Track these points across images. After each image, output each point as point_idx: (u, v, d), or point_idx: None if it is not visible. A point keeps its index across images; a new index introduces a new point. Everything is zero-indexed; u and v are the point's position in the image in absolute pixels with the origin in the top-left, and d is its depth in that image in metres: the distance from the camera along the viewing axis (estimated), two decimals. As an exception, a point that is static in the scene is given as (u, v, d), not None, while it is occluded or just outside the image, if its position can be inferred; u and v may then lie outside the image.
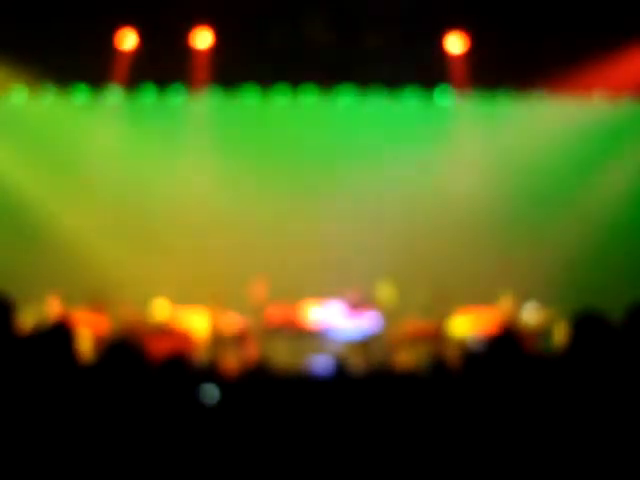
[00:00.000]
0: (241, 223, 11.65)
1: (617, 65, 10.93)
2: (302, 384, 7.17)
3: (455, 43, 11.08)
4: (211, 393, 4.94)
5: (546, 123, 11.90)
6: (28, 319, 9.09)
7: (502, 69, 11.08)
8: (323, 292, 9.92)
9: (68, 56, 10.57)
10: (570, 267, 11.17)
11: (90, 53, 10.66)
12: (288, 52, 10.88)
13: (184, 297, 9.69)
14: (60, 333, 3.63)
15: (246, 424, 5.21)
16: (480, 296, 9.78)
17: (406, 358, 9.57)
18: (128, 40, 10.91)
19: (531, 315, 9.34)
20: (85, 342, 8.94)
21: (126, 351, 3.95)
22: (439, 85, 11.71)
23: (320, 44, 10.85)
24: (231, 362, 9.24)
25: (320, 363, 9.09)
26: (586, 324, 3.41)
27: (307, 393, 6.59)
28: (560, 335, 8.84)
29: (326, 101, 11.91)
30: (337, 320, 9.20)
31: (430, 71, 11.34)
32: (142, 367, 4.05)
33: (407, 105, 12.04)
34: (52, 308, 9.60)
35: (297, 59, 10.96)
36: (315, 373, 8.99)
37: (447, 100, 11.90)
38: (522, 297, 9.81)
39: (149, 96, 11.71)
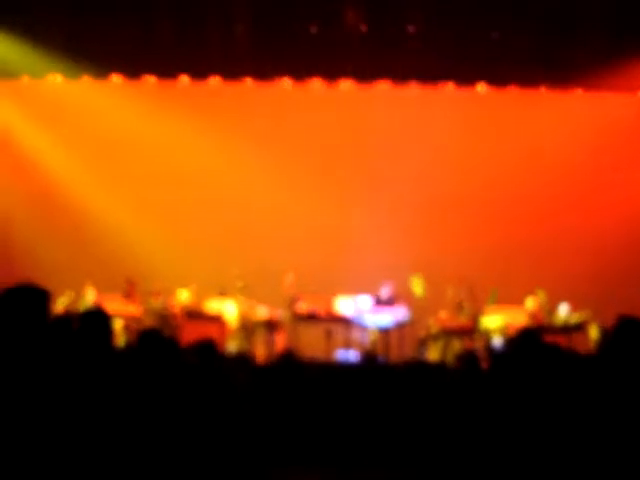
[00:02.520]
0: (274, 214, 11.66)
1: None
2: (331, 372, 7.22)
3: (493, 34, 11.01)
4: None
5: (583, 120, 11.73)
6: (64, 306, 9.21)
7: (538, 64, 10.96)
8: (354, 285, 9.91)
9: (105, 44, 10.64)
10: (605, 266, 11.02)
11: (127, 41, 10.72)
12: (325, 42, 10.87)
13: (216, 285, 9.73)
14: (96, 317, 3.68)
15: (276, 410, 5.27)
16: (512, 294, 9.70)
17: (437, 353, 9.53)
18: (165, 30, 10.98)
19: (564, 315, 9.23)
20: (117, 329, 9.04)
21: (158, 338, 4.00)
22: (475, 79, 11.65)
23: (357, 34, 10.81)
24: (261, 349, 9.28)
25: (349, 352, 9.11)
26: (626, 326, 3.37)
27: (336, 381, 6.64)
28: (593, 334, 8.75)
29: (361, 92, 11.91)
30: (366, 312, 9.19)
31: (466, 65, 11.27)
32: (173, 353, 4.10)
33: (441, 98, 12.01)
34: (87, 296, 9.71)
35: (333, 49, 10.94)
36: (344, 362, 9.04)
37: (482, 94, 11.84)
38: (555, 297, 9.70)
39: (185, 84, 11.80)
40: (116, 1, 10.51)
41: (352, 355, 8.99)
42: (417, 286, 9.52)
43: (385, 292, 9.68)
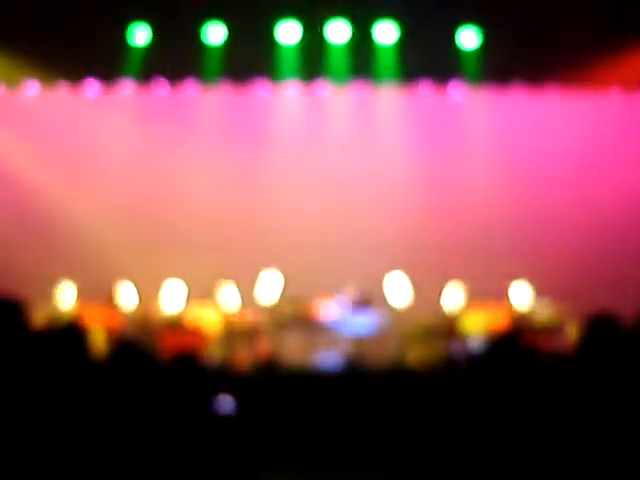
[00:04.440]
0: (252, 217, 11.66)
1: (633, 59, 10.84)
2: (313, 379, 7.22)
3: (468, 37, 11.02)
4: (226, 404, 4.95)
5: (560, 118, 11.81)
6: (42, 314, 9.13)
7: (515, 63, 10.99)
8: (334, 287, 9.91)
9: (81, 49, 10.57)
10: (584, 263, 11.08)
11: (103, 46, 10.65)
12: (299, 45, 10.84)
13: (196, 292, 9.70)
14: (72, 334, 3.66)
15: (258, 418, 5.26)
16: (492, 292, 9.73)
17: (417, 354, 9.55)
18: (140, 34, 10.92)
19: (543, 311, 9.27)
20: (98, 338, 8.96)
21: (135, 351, 3.98)
22: (452, 79, 11.66)
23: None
24: (243, 357, 9.26)
25: (331, 358, 9.11)
26: (598, 327, 3.40)
27: (318, 388, 6.64)
28: (572, 332, 8.80)
29: (339, 94, 11.93)
30: (347, 315, 9.19)
31: (443, 65, 11.28)
32: (152, 366, 4.08)
33: (420, 99, 12.03)
34: (66, 303, 9.65)
35: (308, 52, 10.92)
36: (326, 368, 9.04)
37: (460, 94, 11.87)
38: (534, 293, 9.74)
39: (161, 90, 11.76)
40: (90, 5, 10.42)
41: (333, 359, 8.99)
42: (397, 287, 9.52)
43: (358, 293, 9.67)
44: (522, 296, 9.62)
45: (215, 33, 10.99)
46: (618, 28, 10.36)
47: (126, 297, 9.82)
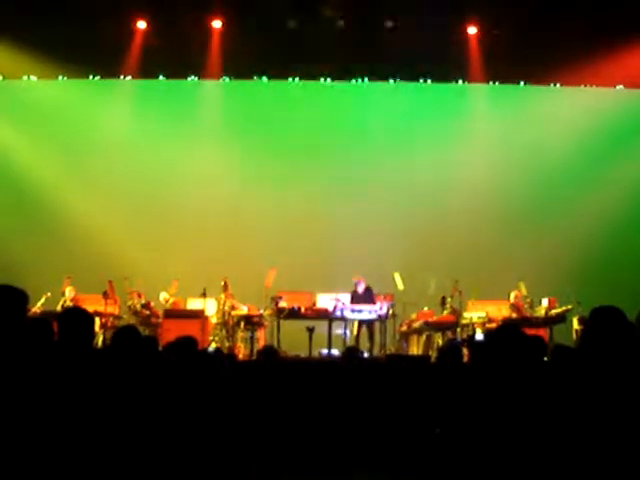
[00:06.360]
0: (255, 211, 11.66)
1: (634, 57, 10.86)
2: (312, 367, 7.18)
3: (473, 32, 11.02)
4: None
5: (562, 114, 11.80)
6: (42, 306, 9.13)
7: (519, 59, 10.99)
8: (337, 282, 9.90)
9: (84, 40, 10.53)
10: (586, 261, 11.07)
11: (105, 38, 10.62)
12: (304, 36, 10.78)
13: (197, 281, 9.67)
14: (76, 315, 3.64)
15: (256, 404, 5.22)
16: (495, 288, 9.72)
17: (419, 347, 9.54)
18: (143, 25, 10.92)
19: (545, 308, 9.23)
20: (95, 328, 8.92)
21: (133, 334, 3.97)
22: (456, 74, 11.68)
23: (338, 29, 10.73)
24: (242, 346, 9.23)
25: (330, 348, 9.07)
26: (603, 317, 3.37)
27: (317, 375, 6.60)
28: (576, 327, 8.78)
29: (342, 86, 11.93)
30: (347, 307, 9.15)
31: (447, 60, 11.27)
32: (150, 349, 4.06)
33: (422, 95, 12.05)
34: (66, 295, 9.64)
35: (312, 44, 10.87)
36: (325, 357, 9.01)
37: (463, 89, 11.90)
38: (537, 290, 9.72)
39: (163, 81, 11.75)
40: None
41: (335, 349, 8.91)
42: (399, 281, 9.49)
43: (360, 288, 9.66)
44: (524, 293, 9.59)
45: (215, 24, 10.98)
46: (619, 26, 10.35)
47: (126, 289, 9.80)
